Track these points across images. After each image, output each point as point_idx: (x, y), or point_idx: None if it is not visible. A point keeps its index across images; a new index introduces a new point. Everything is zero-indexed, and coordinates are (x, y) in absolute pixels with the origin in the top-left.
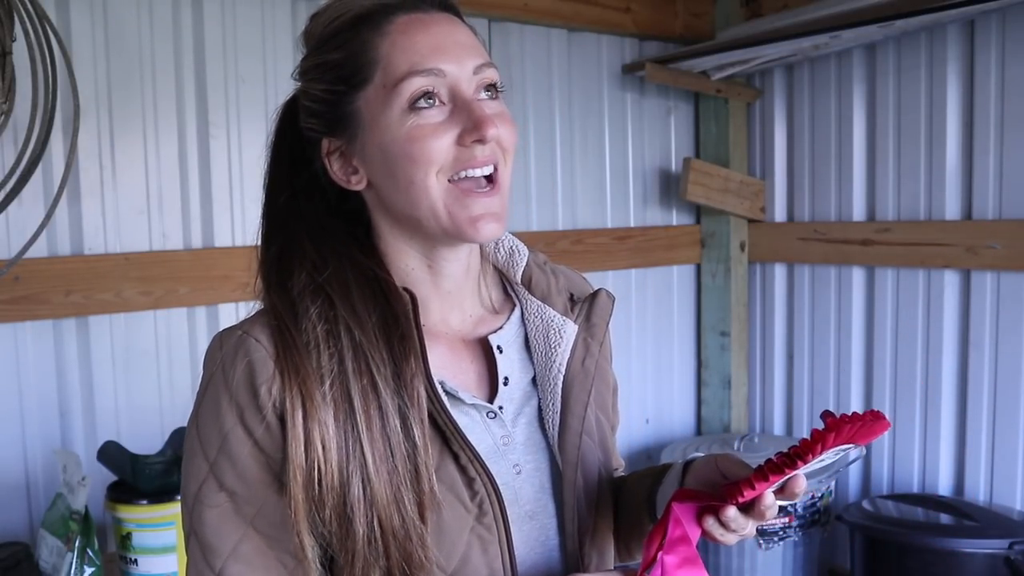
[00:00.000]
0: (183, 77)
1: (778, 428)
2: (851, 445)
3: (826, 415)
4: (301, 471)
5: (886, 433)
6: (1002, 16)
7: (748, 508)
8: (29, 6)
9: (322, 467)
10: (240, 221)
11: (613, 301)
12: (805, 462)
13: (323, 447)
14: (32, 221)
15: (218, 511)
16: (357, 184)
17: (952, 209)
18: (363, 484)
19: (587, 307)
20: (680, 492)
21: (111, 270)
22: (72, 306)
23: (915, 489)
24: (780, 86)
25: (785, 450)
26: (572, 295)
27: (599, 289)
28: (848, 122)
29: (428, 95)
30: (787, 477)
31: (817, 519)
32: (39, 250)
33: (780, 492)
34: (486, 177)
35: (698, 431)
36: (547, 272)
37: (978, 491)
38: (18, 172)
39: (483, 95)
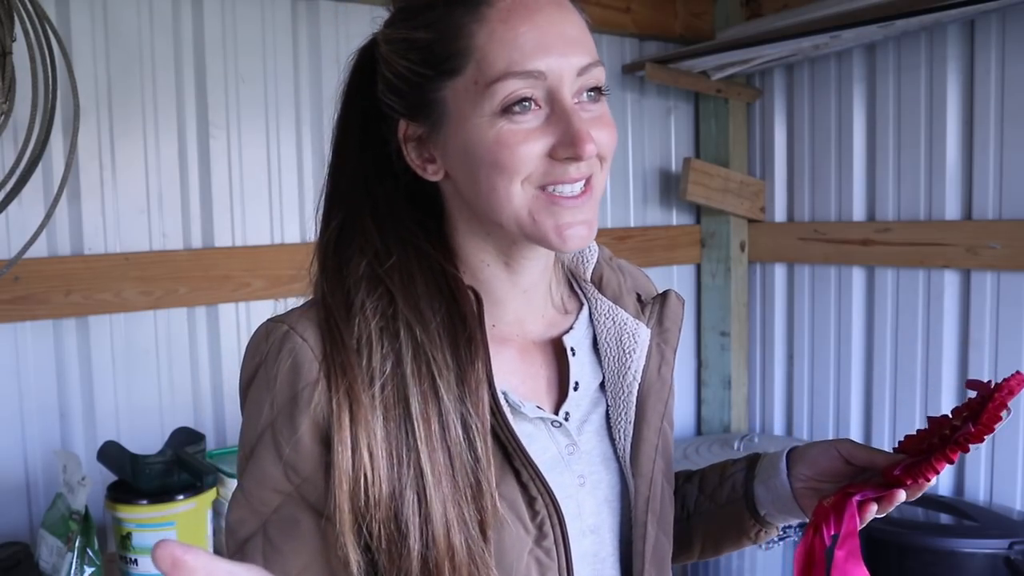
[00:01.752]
0: (183, 77)
1: (778, 428)
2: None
3: (976, 385)
4: (347, 479)
5: (886, 434)
6: (1002, 16)
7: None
8: (29, 6)
9: (369, 476)
10: (240, 221)
11: (683, 304)
12: (981, 439)
13: (370, 455)
14: (32, 221)
15: (237, 502)
16: (434, 175)
17: (952, 209)
18: (418, 498)
19: (658, 310)
20: (848, 486)
21: (111, 270)
22: (72, 306)
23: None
24: (780, 86)
25: (956, 422)
26: (639, 296)
27: (668, 290)
28: (848, 122)
29: (524, 100)
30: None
31: None
32: (39, 250)
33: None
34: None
35: (698, 431)
36: (615, 270)
37: (978, 491)
38: (18, 172)
39: (584, 97)
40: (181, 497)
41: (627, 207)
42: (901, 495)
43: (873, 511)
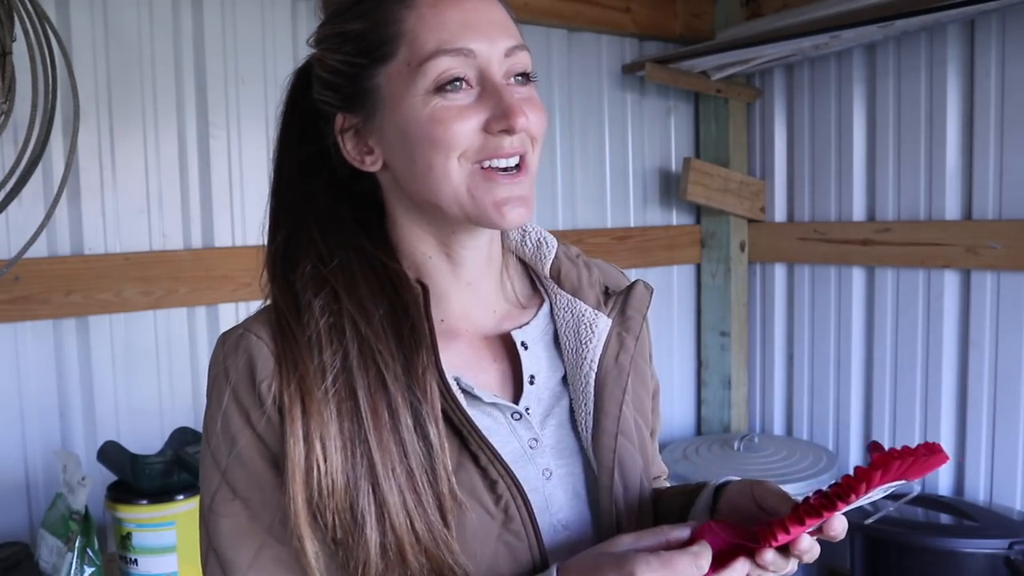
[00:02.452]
0: (183, 77)
1: (778, 428)
2: (901, 481)
3: (874, 448)
4: (300, 471)
5: (886, 434)
6: (1002, 16)
7: (785, 549)
8: (29, 6)
9: (321, 467)
10: (240, 221)
11: (651, 293)
12: (847, 503)
13: (322, 447)
14: (32, 221)
15: (233, 521)
16: (372, 165)
17: (952, 209)
18: (372, 488)
19: (622, 300)
20: (708, 525)
21: (111, 270)
22: (72, 306)
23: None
24: (780, 86)
25: (825, 489)
26: (607, 288)
27: (636, 280)
28: (848, 122)
29: (456, 80)
30: (823, 520)
31: None
32: (39, 250)
33: (818, 532)
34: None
35: (698, 431)
36: (579, 265)
37: (978, 491)
38: (18, 172)
39: (512, 81)
40: (181, 497)
41: (627, 207)
42: (767, 554)
43: (745, 565)
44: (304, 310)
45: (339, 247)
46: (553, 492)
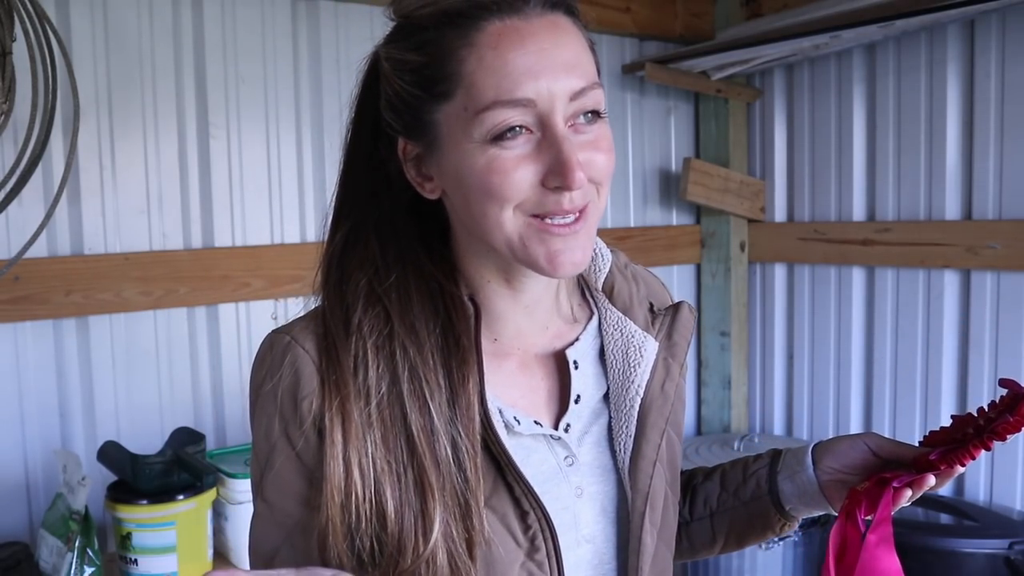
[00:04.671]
0: (183, 77)
1: (778, 428)
2: None
3: (1009, 383)
4: (338, 493)
5: (886, 433)
6: (1002, 16)
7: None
8: (29, 6)
9: (359, 492)
10: (240, 221)
11: (695, 317)
12: (1018, 430)
13: (360, 471)
14: (32, 221)
15: (260, 518)
16: (431, 193)
17: (952, 209)
18: (407, 514)
19: (668, 322)
20: (881, 474)
21: (111, 270)
22: (72, 306)
23: None
24: (780, 86)
25: (991, 414)
26: (652, 305)
27: (681, 302)
28: (848, 122)
29: (513, 128)
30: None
31: (817, 519)
32: (39, 250)
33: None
34: None
35: (698, 431)
36: (628, 279)
37: (978, 491)
38: (18, 172)
39: (581, 120)
40: (181, 497)
41: (627, 207)
42: (931, 480)
43: (907, 497)
44: (353, 327)
45: (396, 261)
46: (582, 509)
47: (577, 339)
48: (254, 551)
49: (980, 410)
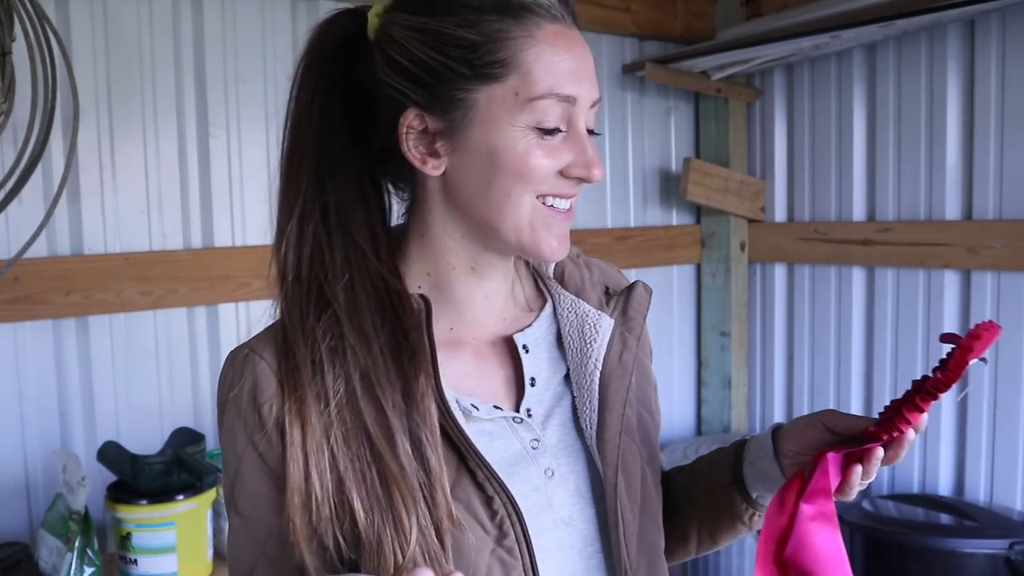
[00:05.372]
0: (183, 77)
1: None
2: (979, 359)
3: (948, 338)
4: (299, 495)
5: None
6: (1002, 16)
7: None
8: (29, 6)
9: (319, 494)
10: (240, 221)
11: (650, 294)
12: (947, 390)
13: (318, 472)
14: (32, 221)
15: (235, 533)
16: (432, 169)
17: (952, 209)
18: (370, 511)
19: (623, 300)
20: (826, 449)
21: (111, 270)
22: (72, 306)
23: (915, 489)
24: (780, 86)
25: (920, 379)
26: (607, 288)
27: (636, 282)
28: (848, 122)
29: (557, 127)
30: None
31: None
32: (39, 250)
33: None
34: None
35: (698, 431)
36: (580, 265)
37: (978, 491)
38: (18, 172)
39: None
40: (181, 497)
41: (627, 207)
42: (879, 452)
43: (859, 473)
44: (307, 333)
45: (345, 263)
46: (555, 491)
47: (529, 325)
48: (233, 568)
49: (934, 369)
